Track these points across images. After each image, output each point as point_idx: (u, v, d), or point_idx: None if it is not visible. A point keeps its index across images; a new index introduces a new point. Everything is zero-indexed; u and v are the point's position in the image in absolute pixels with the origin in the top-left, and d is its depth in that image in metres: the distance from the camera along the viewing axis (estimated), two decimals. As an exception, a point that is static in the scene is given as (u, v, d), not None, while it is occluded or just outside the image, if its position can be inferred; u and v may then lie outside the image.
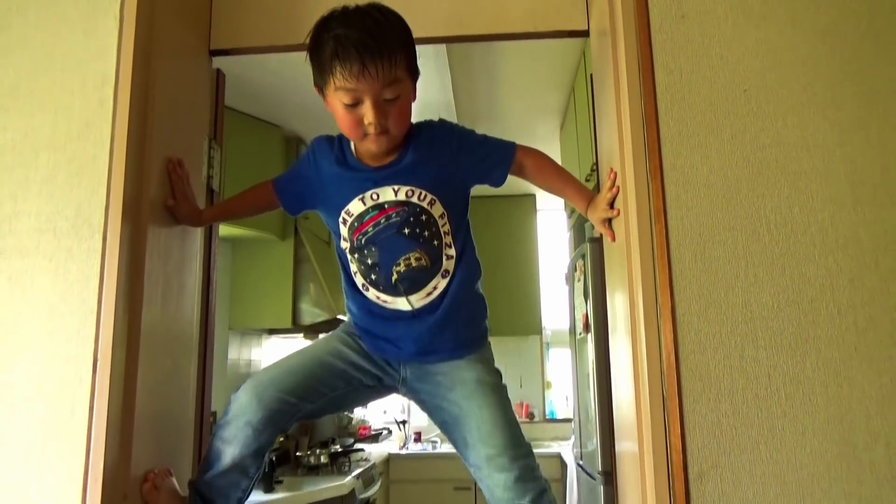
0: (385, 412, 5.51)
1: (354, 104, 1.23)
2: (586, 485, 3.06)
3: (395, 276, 1.35)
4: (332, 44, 1.20)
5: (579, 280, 3.12)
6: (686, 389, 1.04)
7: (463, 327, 1.41)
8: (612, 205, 1.30)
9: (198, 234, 1.65)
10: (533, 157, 1.43)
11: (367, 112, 1.23)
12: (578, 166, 3.33)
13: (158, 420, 1.39)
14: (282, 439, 3.95)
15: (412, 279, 1.36)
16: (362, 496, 3.56)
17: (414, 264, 1.35)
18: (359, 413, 5.12)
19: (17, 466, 1.17)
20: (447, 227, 1.37)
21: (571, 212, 3.83)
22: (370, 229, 1.35)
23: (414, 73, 1.31)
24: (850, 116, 1.15)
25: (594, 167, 2.08)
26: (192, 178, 1.53)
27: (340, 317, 3.66)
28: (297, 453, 3.68)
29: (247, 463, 1.32)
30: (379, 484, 4.02)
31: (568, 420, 4.98)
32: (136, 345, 1.27)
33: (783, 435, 1.03)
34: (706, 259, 1.10)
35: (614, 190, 1.28)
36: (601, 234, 1.40)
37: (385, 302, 1.38)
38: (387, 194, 1.34)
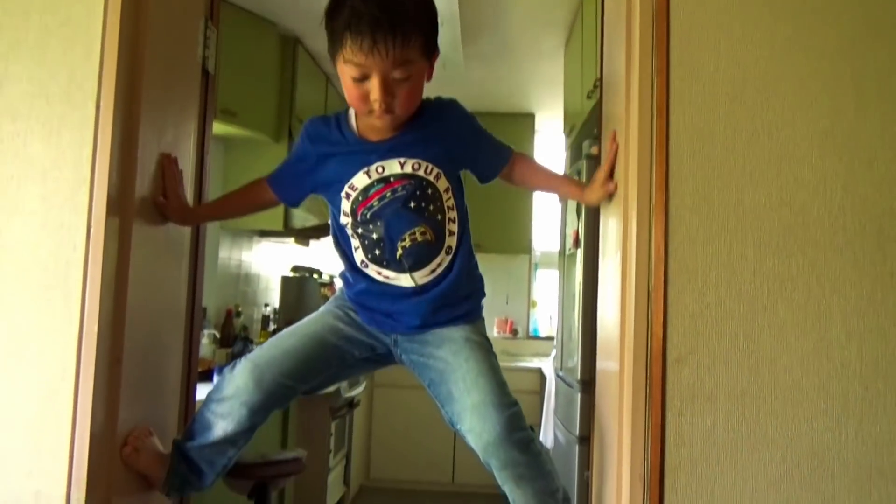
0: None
1: (362, 79, 1.20)
2: (564, 394, 3.17)
3: (400, 252, 1.34)
4: (346, 14, 1.17)
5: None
6: (672, 280, 1.06)
7: (462, 303, 1.40)
8: (610, 177, 1.28)
9: (193, 115, 1.63)
10: (524, 161, 1.45)
11: (374, 89, 1.20)
12: (581, 83, 3.27)
13: (151, 294, 1.41)
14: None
15: (417, 255, 1.34)
16: (347, 395, 3.68)
17: (419, 239, 1.34)
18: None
19: (12, 329, 1.19)
20: (451, 202, 1.36)
21: (570, 130, 3.79)
22: (375, 203, 1.32)
23: (431, 53, 1.27)
24: (858, 22, 1.13)
25: (597, 83, 2.04)
26: (188, 59, 1.49)
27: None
28: (285, 352, 3.77)
29: (238, 437, 1.34)
30: (363, 386, 4.15)
31: (550, 338, 5.11)
32: (129, 216, 1.27)
33: (762, 328, 1.06)
34: (704, 156, 1.11)
35: (611, 161, 1.26)
36: (598, 152, 1.40)
37: (387, 278, 1.36)
38: (393, 167, 1.31)
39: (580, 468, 2.62)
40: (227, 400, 1.32)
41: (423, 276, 1.35)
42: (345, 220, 1.36)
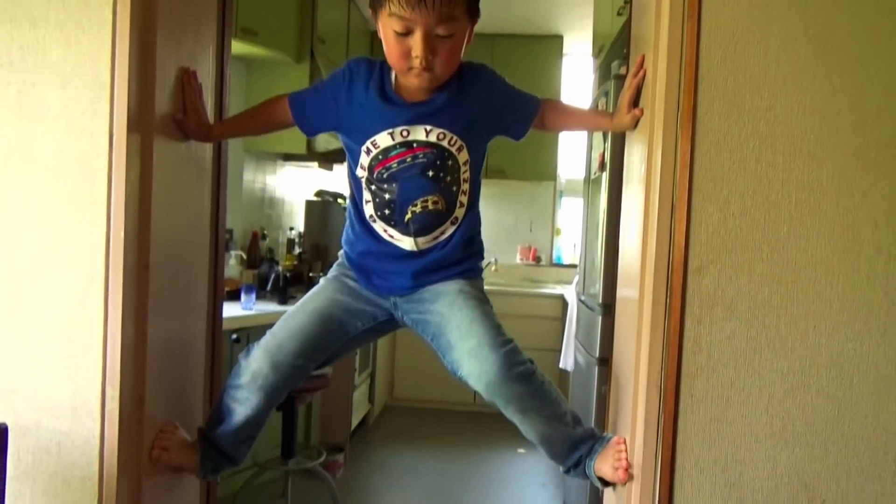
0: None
1: (405, 34, 1.19)
2: (585, 318, 3.19)
3: (409, 216, 1.34)
4: None
5: (600, 118, 3.05)
6: (697, 188, 1.04)
7: (457, 265, 1.41)
8: (636, 103, 1.25)
9: (211, 29, 1.60)
10: (552, 107, 1.42)
11: (416, 45, 1.19)
12: (612, 1, 3.14)
13: (175, 206, 1.42)
14: (296, 262, 4.10)
15: (425, 221, 1.35)
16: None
17: (431, 207, 1.35)
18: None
19: (41, 234, 1.21)
20: (467, 175, 1.36)
21: (598, 51, 3.67)
22: (394, 165, 1.32)
23: (474, 15, 1.26)
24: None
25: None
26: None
27: (355, 145, 3.64)
28: (311, 274, 3.83)
29: (259, 418, 1.40)
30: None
31: (573, 266, 5.11)
32: (150, 124, 1.27)
33: (787, 239, 1.04)
34: (736, 60, 1.06)
35: (640, 76, 1.23)
36: (626, 72, 1.34)
37: (391, 237, 1.38)
38: (418, 133, 1.30)
39: (599, 386, 2.67)
40: (244, 387, 1.38)
41: (425, 242, 1.37)
42: (361, 172, 1.36)
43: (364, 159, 1.34)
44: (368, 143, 1.32)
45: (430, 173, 1.33)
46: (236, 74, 3.41)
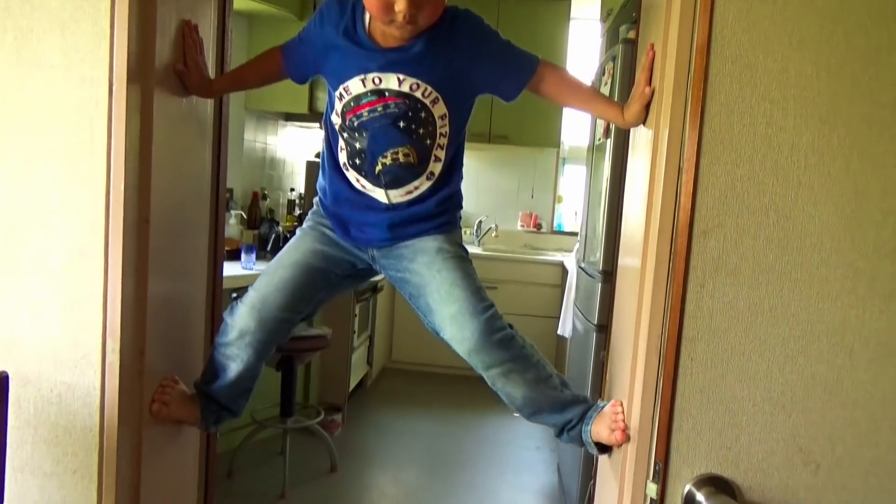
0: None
1: None
2: (585, 284, 3.19)
3: (379, 167, 1.31)
4: None
5: (606, 83, 3.00)
6: (705, 150, 1.03)
7: (433, 219, 1.38)
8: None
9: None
10: (555, 73, 1.31)
11: (400, 0, 1.13)
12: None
13: (175, 162, 1.41)
14: (296, 223, 4.09)
15: (396, 174, 1.32)
16: (371, 280, 3.75)
17: (402, 160, 1.30)
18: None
19: (40, 182, 1.20)
20: (445, 129, 1.30)
21: (606, 15, 3.60)
22: (365, 114, 1.28)
23: None
24: None
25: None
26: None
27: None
28: (311, 236, 3.83)
29: (252, 371, 1.41)
30: (387, 273, 4.22)
31: (574, 234, 5.10)
32: (150, 75, 1.24)
33: (795, 204, 1.03)
34: (750, 19, 1.03)
35: (648, 71, 1.18)
36: (635, 36, 1.30)
37: (363, 188, 1.35)
38: (390, 81, 1.25)
39: (597, 352, 2.68)
40: (233, 343, 1.38)
41: (397, 196, 1.34)
42: (335, 119, 1.33)
43: (338, 105, 1.31)
44: (341, 89, 1.29)
45: (402, 124, 1.28)
46: (238, 31, 3.36)
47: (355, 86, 1.27)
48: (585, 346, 2.91)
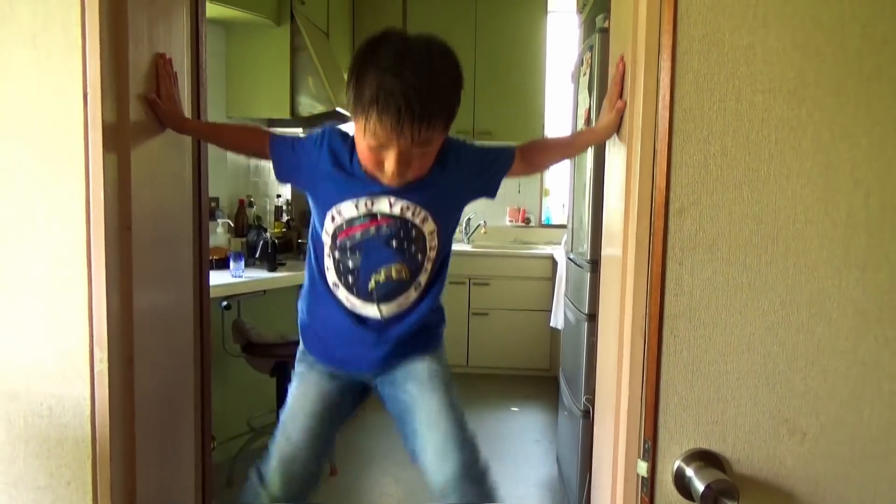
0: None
1: (379, 148, 1.19)
2: (574, 275, 3.21)
3: (372, 284, 1.33)
4: (375, 87, 1.14)
5: (585, 74, 3.02)
6: (677, 129, 1.04)
7: (423, 338, 1.42)
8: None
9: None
10: (530, 150, 1.40)
11: (390, 161, 1.19)
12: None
13: (155, 167, 1.41)
14: (284, 230, 4.08)
15: (388, 289, 1.34)
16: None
17: (394, 276, 1.33)
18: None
19: (16, 196, 1.19)
20: (434, 243, 1.35)
21: (583, 6, 3.62)
22: (358, 235, 1.31)
23: (451, 123, 1.24)
24: None
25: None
26: None
27: (339, 109, 3.60)
28: (300, 241, 3.82)
29: None
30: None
31: (563, 226, 5.12)
32: (125, 83, 1.24)
33: (767, 178, 1.04)
34: (715, -2, 1.04)
35: (619, 83, 1.23)
36: (609, 25, 1.32)
37: (354, 305, 1.36)
38: (382, 205, 1.29)
39: (588, 341, 2.70)
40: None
41: (389, 310, 1.35)
42: (325, 237, 1.35)
43: (328, 225, 1.33)
44: (333, 210, 1.31)
45: (394, 243, 1.31)
46: (215, 37, 3.35)
47: (348, 209, 1.30)
48: (577, 336, 2.93)
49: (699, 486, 0.95)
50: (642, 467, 1.05)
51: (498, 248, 5.09)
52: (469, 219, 5.42)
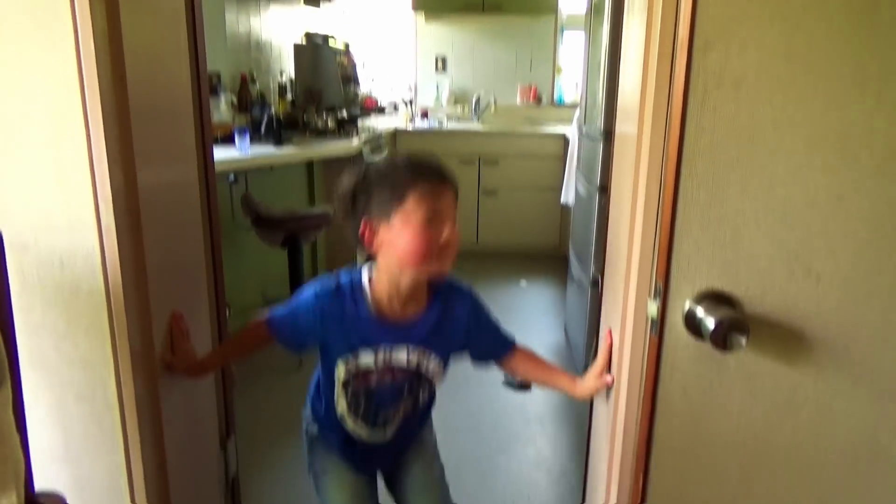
0: (392, 89, 5.48)
1: (431, 220, 1.19)
2: (587, 148, 3.15)
3: (381, 419, 1.40)
4: (406, 169, 1.21)
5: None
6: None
7: (421, 421, 1.52)
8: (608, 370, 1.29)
9: None
10: (523, 357, 1.46)
11: (448, 228, 1.20)
12: None
13: (148, 28, 1.34)
14: (290, 108, 3.99)
15: (396, 419, 1.42)
16: (368, 161, 3.70)
17: (402, 412, 1.41)
18: (365, 85, 5.08)
19: (6, 49, 1.14)
20: (439, 378, 1.41)
21: None
22: (373, 383, 1.34)
23: None
24: None
25: None
26: None
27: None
28: (305, 118, 3.74)
29: None
30: (385, 153, 4.16)
31: (575, 105, 4.97)
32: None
33: (802, 10, 0.96)
34: None
35: (606, 356, 1.28)
36: None
37: (360, 430, 1.41)
38: (400, 357, 1.32)
39: (599, 214, 2.68)
40: None
41: (392, 428, 1.43)
42: (340, 374, 1.34)
43: (341, 369, 1.33)
44: (349, 355, 1.32)
45: (407, 388, 1.37)
46: None
47: (365, 358, 1.32)
48: (589, 209, 2.91)
49: (710, 323, 0.95)
50: (652, 308, 1.05)
51: (508, 128, 4.98)
52: (478, 97, 5.27)
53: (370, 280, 1.30)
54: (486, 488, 2.24)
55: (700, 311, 1.00)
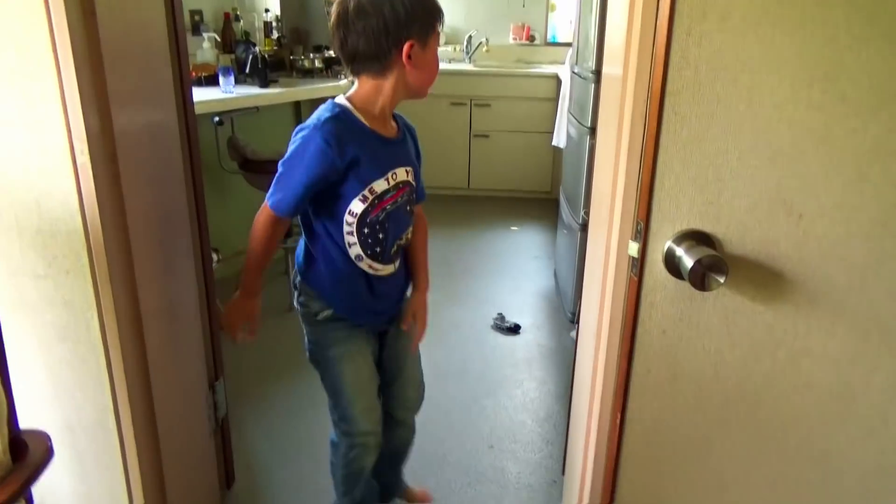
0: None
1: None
2: (578, 88, 3.09)
3: (395, 248, 1.48)
4: (432, 1, 1.34)
5: None
6: None
7: (405, 281, 1.62)
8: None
9: None
10: (422, 218, 1.60)
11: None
12: None
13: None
14: (276, 47, 3.88)
15: (401, 250, 1.53)
16: None
17: (410, 237, 1.53)
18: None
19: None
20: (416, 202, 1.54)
21: None
22: (389, 207, 1.41)
23: None
24: None
25: None
26: None
27: None
28: (292, 57, 3.65)
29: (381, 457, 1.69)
30: (375, 95, 4.08)
31: (568, 44, 4.86)
32: None
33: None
34: None
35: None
36: None
37: (376, 270, 1.47)
38: (401, 174, 1.42)
39: (590, 155, 2.65)
40: (364, 447, 1.60)
41: (398, 259, 1.53)
42: (350, 219, 1.38)
43: (357, 206, 1.36)
44: (366, 191, 1.36)
45: (409, 208, 1.48)
46: None
47: (380, 185, 1.38)
48: (579, 150, 2.88)
49: (688, 262, 0.95)
50: (633, 248, 1.05)
51: (500, 67, 4.88)
52: (470, 36, 5.15)
53: (350, 104, 1.37)
54: (473, 430, 2.29)
55: (680, 251, 1.00)
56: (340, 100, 1.37)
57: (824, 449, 1.14)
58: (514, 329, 2.95)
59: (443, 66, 4.91)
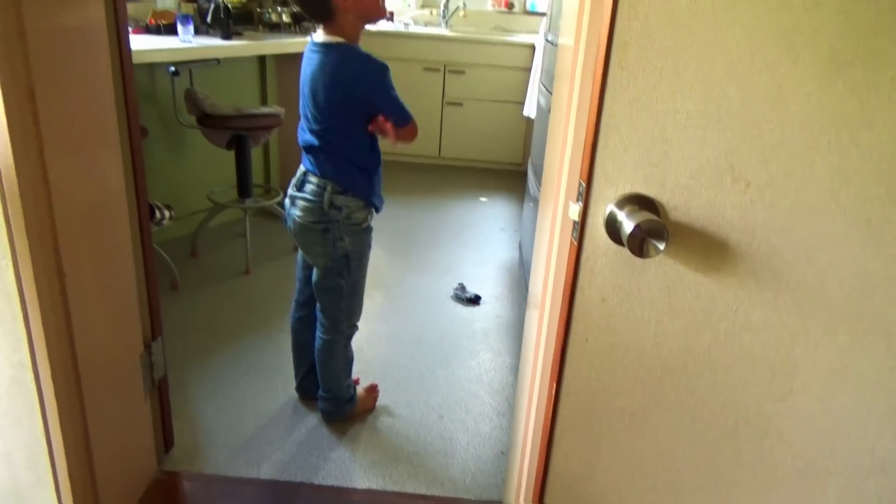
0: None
1: None
2: (550, 56, 3.02)
3: None
4: None
5: None
6: None
7: None
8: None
9: None
10: None
11: None
12: None
13: None
14: (243, 1, 3.74)
15: None
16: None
17: None
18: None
19: None
20: None
21: None
22: None
23: None
24: None
25: None
26: None
27: None
28: (259, 10, 3.52)
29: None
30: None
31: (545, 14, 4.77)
32: None
33: None
34: None
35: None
36: None
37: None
38: None
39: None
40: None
41: None
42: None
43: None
44: None
45: None
46: None
47: None
48: (547, 121, 2.82)
49: (628, 227, 0.90)
50: (574, 210, 1.00)
51: (477, 33, 4.77)
52: (447, 0, 5.02)
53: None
54: (425, 399, 2.26)
55: (621, 216, 0.95)
56: (341, 40, 1.74)
57: (763, 426, 1.12)
58: (475, 300, 2.92)
59: (418, 29, 4.80)
